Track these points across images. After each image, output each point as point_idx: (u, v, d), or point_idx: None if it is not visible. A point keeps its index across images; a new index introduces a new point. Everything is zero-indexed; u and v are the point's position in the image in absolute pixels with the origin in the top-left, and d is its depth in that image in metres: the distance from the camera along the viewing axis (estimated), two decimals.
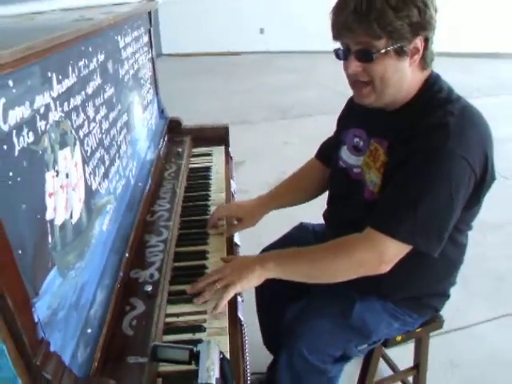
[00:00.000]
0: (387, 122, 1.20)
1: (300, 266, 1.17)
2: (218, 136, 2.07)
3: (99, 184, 1.09)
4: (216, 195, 1.64)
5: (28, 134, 0.74)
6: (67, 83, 0.91)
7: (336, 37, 1.12)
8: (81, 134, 0.99)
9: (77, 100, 0.97)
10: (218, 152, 2.00)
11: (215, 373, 0.83)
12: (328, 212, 1.46)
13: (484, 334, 2.04)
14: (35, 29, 0.96)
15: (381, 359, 1.53)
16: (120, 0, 1.66)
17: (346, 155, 1.34)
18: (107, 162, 1.17)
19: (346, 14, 1.05)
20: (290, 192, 1.55)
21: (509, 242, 2.63)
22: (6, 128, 0.66)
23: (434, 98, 1.13)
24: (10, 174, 0.68)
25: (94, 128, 1.08)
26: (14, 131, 0.69)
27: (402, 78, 1.11)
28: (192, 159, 1.91)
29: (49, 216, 0.80)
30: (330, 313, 1.30)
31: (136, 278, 1.14)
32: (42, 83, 0.79)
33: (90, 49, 1.06)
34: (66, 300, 0.84)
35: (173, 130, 1.99)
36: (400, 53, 1.06)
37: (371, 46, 1.06)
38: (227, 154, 2.00)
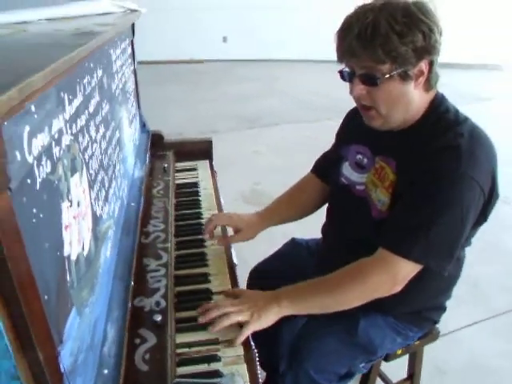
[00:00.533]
0: (394, 141, 1.18)
1: (315, 300, 1.12)
2: (200, 150, 2.01)
3: (102, 209, 1.01)
4: (208, 213, 1.57)
5: (46, 163, 0.66)
6: (76, 103, 0.83)
7: (340, 59, 1.11)
8: (86, 156, 0.91)
9: (82, 120, 0.89)
10: (202, 166, 1.94)
11: None
12: (327, 228, 1.44)
13: (464, 340, 2.07)
14: (42, 44, 0.87)
15: None
16: (100, 9, 1.58)
17: (348, 172, 1.31)
18: (107, 184, 1.09)
19: (351, 39, 1.03)
20: (288, 208, 1.51)
21: (482, 248, 2.69)
22: (30, 159, 0.59)
23: (442, 118, 1.13)
24: (34, 210, 0.60)
25: (95, 149, 1.00)
26: (35, 162, 0.62)
27: (407, 101, 1.10)
28: (177, 175, 1.83)
29: (66, 252, 0.72)
30: (334, 331, 1.27)
31: (141, 306, 1.07)
32: (57, 105, 0.71)
33: (92, 65, 0.98)
34: (84, 341, 0.76)
35: (155, 145, 1.91)
36: (404, 77, 1.05)
37: (376, 71, 1.05)
38: (212, 168, 1.94)
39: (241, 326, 1.06)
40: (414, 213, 1.08)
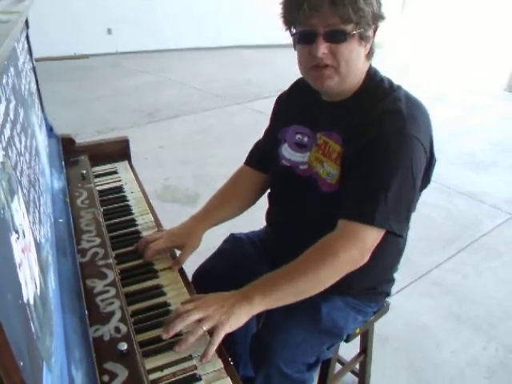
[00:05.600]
0: (335, 114, 1.19)
1: (290, 287, 1.04)
2: (116, 150, 1.82)
3: (39, 232, 0.84)
4: (142, 218, 1.42)
5: None
6: (1, 109, 0.66)
7: (300, 20, 1.07)
8: (18, 173, 0.74)
9: (7, 130, 0.72)
10: (122, 168, 1.76)
11: None
12: (273, 214, 1.38)
13: (397, 306, 2.16)
14: None
15: None
16: None
17: (289, 153, 1.28)
18: (37, 203, 0.91)
19: None
20: (225, 205, 1.40)
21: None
22: None
23: (378, 87, 1.16)
24: None
25: (23, 163, 0.82)
26: None
27: (359, 64, 1.12)
28: (97, 180, 1.64)
29: (25, 296, 0.57)
30: (299, 321, 1.22)
31: (100, 336, 0.91)
32: None
33: (5, 61, 0.80)
34: None
35: (66, 150, 1.68)
36: (363, 38, 1.08)
37: (341, 29, 1.05)
38: (133, 169, 1.77)
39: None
40: (369, 179, 1.08)
